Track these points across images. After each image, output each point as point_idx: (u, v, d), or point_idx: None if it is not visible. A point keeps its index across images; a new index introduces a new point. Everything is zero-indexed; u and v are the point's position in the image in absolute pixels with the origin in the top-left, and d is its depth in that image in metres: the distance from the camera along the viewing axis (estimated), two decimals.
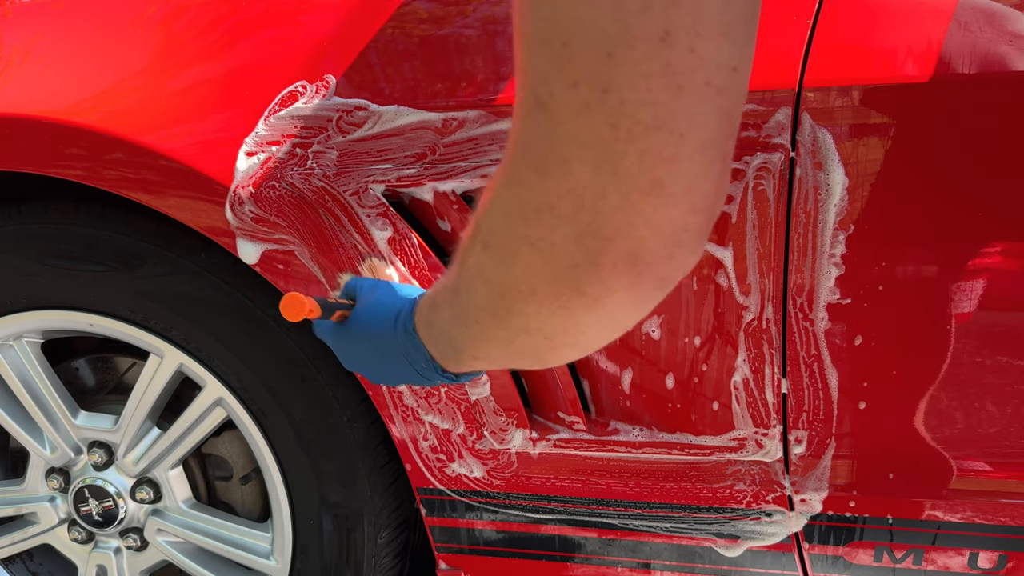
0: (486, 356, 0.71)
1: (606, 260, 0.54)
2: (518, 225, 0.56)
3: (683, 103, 0.49)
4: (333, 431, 1.14)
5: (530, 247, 0.56)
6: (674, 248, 0.54)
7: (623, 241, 0.53)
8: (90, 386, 1.37)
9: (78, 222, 1.13)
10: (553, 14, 0.49)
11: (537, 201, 0.54)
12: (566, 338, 0.63)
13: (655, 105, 0.49)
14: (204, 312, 1.13)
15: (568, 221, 0.53)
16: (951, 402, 0.93)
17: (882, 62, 0.84)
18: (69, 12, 1.12)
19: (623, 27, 0.47)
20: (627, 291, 0.56)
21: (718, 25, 0.49)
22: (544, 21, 0.49)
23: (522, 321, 0.62)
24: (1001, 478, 0.96)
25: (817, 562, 1.06)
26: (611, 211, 0.52)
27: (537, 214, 0.54)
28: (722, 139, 0.52)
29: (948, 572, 1.02)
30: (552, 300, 0.58)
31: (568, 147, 0.51)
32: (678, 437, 1.03)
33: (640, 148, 0.50)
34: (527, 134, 0.53)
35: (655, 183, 0.51)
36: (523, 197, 0.55)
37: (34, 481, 1.34)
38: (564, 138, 0.51)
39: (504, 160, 0.57)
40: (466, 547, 1.17)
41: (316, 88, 0.96)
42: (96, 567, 1.37)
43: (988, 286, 0.88)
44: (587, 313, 0.59)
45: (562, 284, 0.57)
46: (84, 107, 1.03)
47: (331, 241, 0.99)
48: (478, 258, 0.62)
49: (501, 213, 0.58)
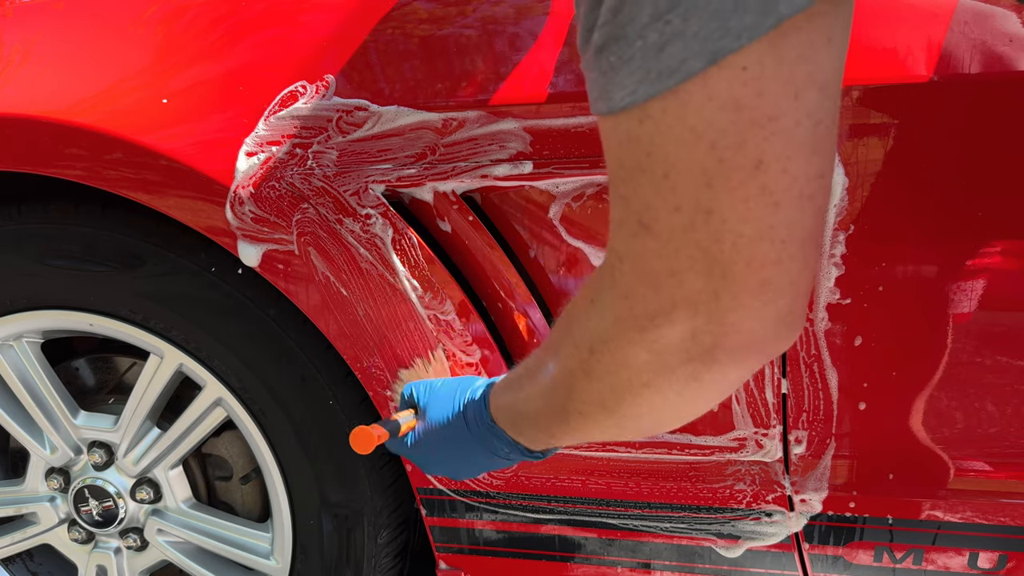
0: (585, 436, 0.75)
1: (721, 352, 0.58)
2: (631, 332, 0.61)
3: (781, 216, 0.53)
4: (333, 431, 1.14)
5: (645, 350, 0.61)
6: (782, 330, 0.58)
7: (736, 335, 0.57)
8: (90, 386, 1.37)
9: (78, 222, 1.13)
10: (653, 149, 0.53)
11: (651, 310, 0.59)
12: (677, 418, 0.68)
13: (756, 221, 0.53)
14: (204, 312, 1.13)
15: (683, 324, 0.58)
16: (951, 402, 0.93)
17: (882, 62, 0.84)
18: (69, 12, 1.12)
19: (719, 161, 0.51)
20: (739, 372, 0.61)
21: (808, 145, 0.52)
22: (646, 156, 0.54)
23: (634, 410, 0.67)
24: (1001, 478, 0.96)
25: (817, 562, 1.06)
26: (724, 312, 0.56)
27: (652, 322, 0.59)
28: (818, 233, 0.56)
29: (948, 572, 1.02)
30: (667, 388, 0.63)
31: (678, 261, 0.56)
32: (678, 437, 1.02)
33: (746, 257, 0.54)
34: (635, 253, 0.58)
35: (763, 283, 0.55)
36: (635, 308, 0.59)
37: (34, 481, 1.34)
38: (673, 254, 0.55)
39: (604, 272, 0.61)
40: (466, 547, 1.17)
41: (316, 88, 0.96)
42: (96, 567, 1.37)
43: (988, 286, 0.88)
44: (699, 394, 0.63)
45: (677, 376, 0.61)
46: (84, 107, 1.03)
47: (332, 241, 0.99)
48: (584, 361, 0.66)
49: (612, 323, 0.62)
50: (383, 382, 1.06)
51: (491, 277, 1.00)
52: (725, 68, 0.49)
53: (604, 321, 0.63)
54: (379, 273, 0.99)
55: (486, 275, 1.01)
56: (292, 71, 0.98)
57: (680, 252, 0.55)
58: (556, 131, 0.89)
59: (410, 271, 0.99)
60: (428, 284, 0.99)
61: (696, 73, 0.50)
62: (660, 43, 0.50)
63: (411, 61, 0.94)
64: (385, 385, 1.06)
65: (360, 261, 0.99)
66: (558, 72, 0.89)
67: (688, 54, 0.49)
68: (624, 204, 0.57)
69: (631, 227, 0.57)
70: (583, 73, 0.57)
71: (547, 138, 0.90)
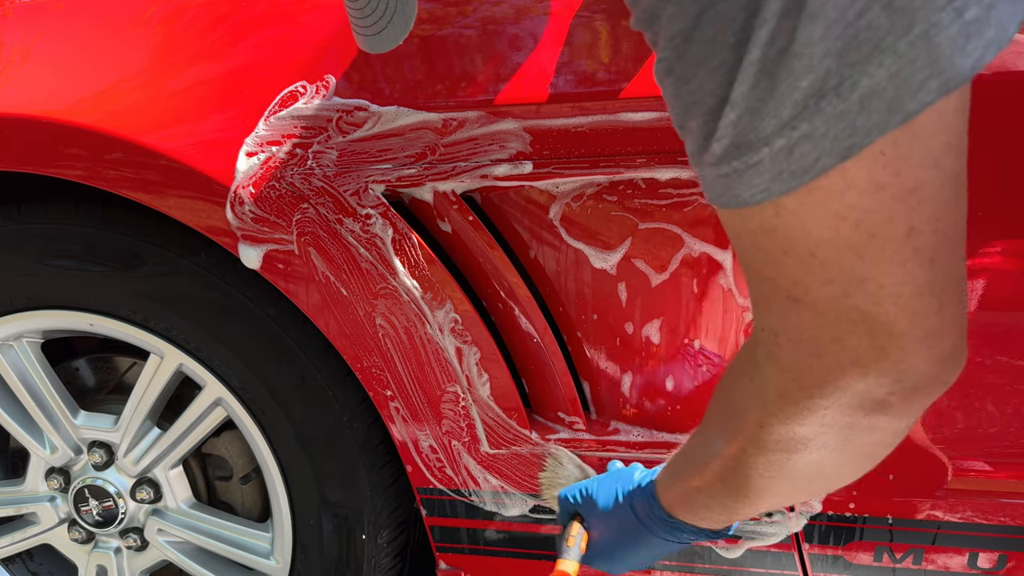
0: (768, 506, 0.76)
1: (893, 400, 0.58)
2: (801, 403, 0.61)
3: (938, 270, 0.53)
4: (333, 431, 1.14)
5: (817, 418, 0.61)
6: (948, 366, 0.58)
7: (906, 381, 0.57)
8: (90, 386, 1.37)
9: (78, 222, 1.13)
10: (793, 235, 0.53)
11: (819, 379, 0.59)
12: (854, 471, 0.69)
13: (913, 281, 0.53)
14: (204, 312, 1.13)
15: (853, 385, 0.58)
16: (951, 402, 0.94)
17: None
18: (69, 12, 1.12)
19: (869, 237, 0.51)
20: (910, 415, 0.61)
21: (952, 201, 0.52)
22: (787, 241, 0.53)
23: (813, 472, 0.67)
24: (1001, 478, 0.96)
25: (817, 562, 1.06)
26: (893, 364, 0.56)
27: (821, 390, 0.59)
28: (964, 271, 0.56)
29: (948, 572, 1.02)
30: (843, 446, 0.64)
31: (839, 327, 0.55)
32: (678, 437, 1.02)
33: (908, 313, 0.54)
34: (791, 326, 0.58)
35: (928, 332, 0.55)
36: (802, 379, 0.60)
37: (34, 481, 1.34)
38: (833, 323, 0.55)
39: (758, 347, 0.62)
40: (466, 547, 1.17)
41: (316, 88, 0.96)
42: (96, 567, 1.37)
43: (988, 286, 0.88)
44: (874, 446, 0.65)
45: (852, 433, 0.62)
46: (84, 107, 1.03)
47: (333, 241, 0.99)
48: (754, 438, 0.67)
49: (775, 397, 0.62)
50: (383, 382, 1.06)
51: (491, 277, 1.00)
52: (862, 158, 0.49)
53: (766, 395, 0.63)
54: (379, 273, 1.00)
55: (486, 275, 1.01)
56: (292, 71, 0.98)
57: (840, 318, 0.55)
58: (556, 131, 0.89)
59: (410, 271, 0.99)
60: (428, 284, 0.99)
61: (831, 168, 0.49)
62: (788, 147, 0.50)
63: (411, 61, 0.94)
64: (385, 385, 1.06)
65: (360, 261, 0.99)
66: (558, 72, 0.89)
67: (820, 153, 0.49)
68: (771, 284, 0.57)
69: (781, 302, 0.57)
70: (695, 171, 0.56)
71: (547, 138, 0.90)
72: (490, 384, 1.03)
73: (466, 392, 1.04)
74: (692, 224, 0.94)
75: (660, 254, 0.96)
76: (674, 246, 0.95)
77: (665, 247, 0.95)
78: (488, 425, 1.05)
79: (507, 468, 1.08)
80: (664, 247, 0.96)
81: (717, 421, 0.73)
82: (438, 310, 1.00)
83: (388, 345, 1.03)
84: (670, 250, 0.95)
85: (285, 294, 1.04)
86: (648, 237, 0.96)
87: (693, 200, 0.92)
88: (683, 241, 0.94)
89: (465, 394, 1.04)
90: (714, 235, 0.94)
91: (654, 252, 0.96)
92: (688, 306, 0.97)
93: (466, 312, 1.00)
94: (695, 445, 0.78)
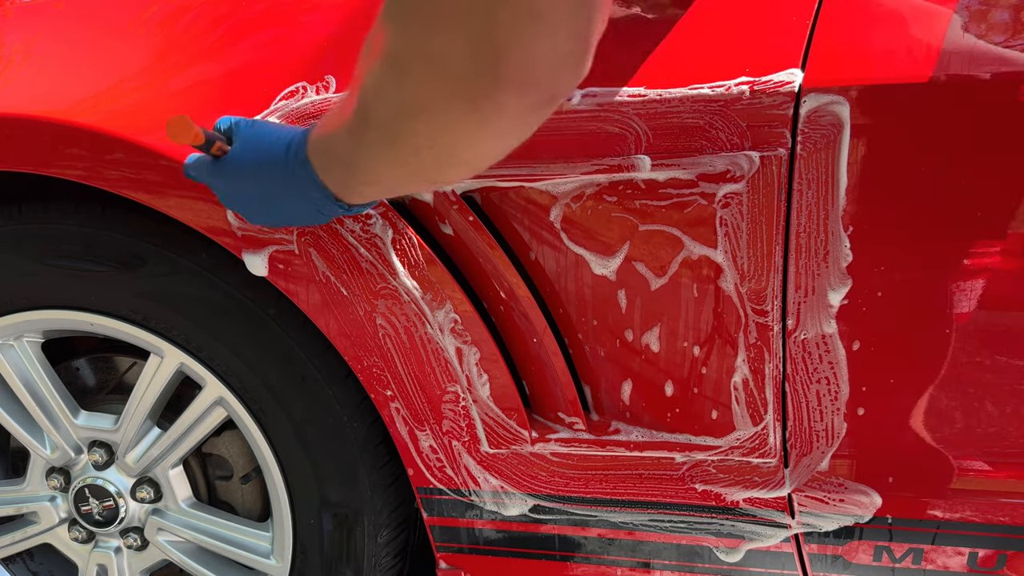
0: (379, 180, 0.75)
1: (499, 74, 0.60)
2: (420, 41, 0.62)
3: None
4: (333, 431, 1.14)
5: (425, 62, 0.62)
6: (558, 71, 0.62)
7: (512, 60, 0.60)
8: (90, 386, 1.37)
9: (78, 222, 1.13)
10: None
11: (435, 13, 0.60)
12: (455, 156, 0.69)
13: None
14: (204, 312, 1.13)
15: (463, 34, 0.60)
16: (951, 402, 0.94)
17: (881, 62, 0.84)
18: (69, 12, 1.12)
19: None
20: (515, 107, 0.63)
21: None
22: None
23: (413, 140, 0.67)
24: (1001, 478, 0.96)
25: (817, 562, 1.06)
26: (502, 30, 0.58)
27: (434, 26, 0.61)
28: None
29: (947, 571, 1.02)
30: (444, 116, 0.64)
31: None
32: (678, 437, 1.03)
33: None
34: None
35: (535, 13, 0.58)
36: (421, 9, 0.61)
37: (34, 481, 1.34)
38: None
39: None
40: (466, 547, 1.17)
41: (316, 88, 0.96)
42: (96, 567, 1.37)
43: (988, 286, 0.88)
44: (478, 130, 0.65)
45: (456, 99, 0.63)
46: (84, 107, 1.03)
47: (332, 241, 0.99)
48: (376, 77, 0.67)
49: (400, 29, 0.63)
50: (383, 382, 1.06)
51: (491, 277, 1.01)
52: None
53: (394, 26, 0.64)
54: (379, 273, 1.00)
55: (486, 275, 1.01)
56: (292, 71, 0.98)
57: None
58: (556, 131, 0.89)
59: (410, 271, 0.99)
60: (428, 284, 0.99)
61: None
62: None
63: None
64: (385, 385, 1.06)
65: (360, 261, 0.99)
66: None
67: None
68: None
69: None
70: None
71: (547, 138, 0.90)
72: (490, 384, 1.03)
73: (466, 392, 1.04)
74: (692, 224, 0.94)
75: (661, 255, 0.96)
76: (674, 248, 0.95)
77: (665, 248, 0.95)
78: (488, 425, 1.06)
79: (507, 468, 1.08)
80: (664, 248, 0.96)
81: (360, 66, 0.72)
82: (438, 310, 1.00)
83: (388, 345, 1.03)
84: (670, 252, 0.95)
85: (285, 294, 1.04)
86: (648, 238, 0.96)
87: (693, 201, 0.92)
88: (682, 243, 0.94)
89: (465, 394, 1.04)
90: (713, 235, 0.94)
91: (655, 253, 0.96)
92: (688, 306, 0.97)
93: (466, 312, 1.00)
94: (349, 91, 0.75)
